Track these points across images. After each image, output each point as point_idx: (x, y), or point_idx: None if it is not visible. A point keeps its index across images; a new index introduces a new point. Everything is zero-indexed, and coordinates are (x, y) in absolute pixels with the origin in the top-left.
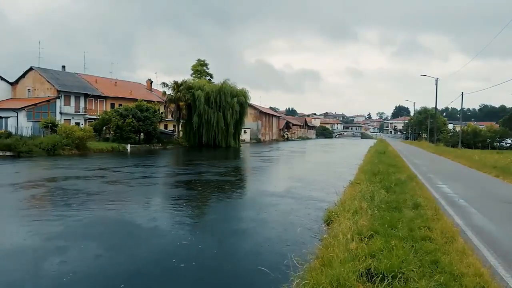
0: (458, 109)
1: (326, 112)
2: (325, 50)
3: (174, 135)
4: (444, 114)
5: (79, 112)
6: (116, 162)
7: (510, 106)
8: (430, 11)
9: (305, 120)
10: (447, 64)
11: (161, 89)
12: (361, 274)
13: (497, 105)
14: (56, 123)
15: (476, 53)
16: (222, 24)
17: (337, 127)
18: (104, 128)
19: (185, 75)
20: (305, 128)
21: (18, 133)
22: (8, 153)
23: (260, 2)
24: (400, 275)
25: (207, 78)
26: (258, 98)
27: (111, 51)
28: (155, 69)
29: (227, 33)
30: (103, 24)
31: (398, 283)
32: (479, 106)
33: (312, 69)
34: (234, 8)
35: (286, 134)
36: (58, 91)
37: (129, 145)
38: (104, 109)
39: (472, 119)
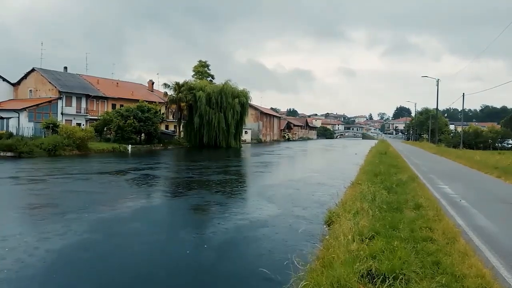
0: (459, 109)
1: (327, 113)
2: (318, 50)
3: (175, 135)
4: (446, 115)
5: (80, 112)
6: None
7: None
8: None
9: (306, 120)
10: (439, 64)
11: (162, 89)
12: (362, 275)
13: (498, 105)
14: (57, 123)
15: (467, 52)
16: (212, 24)
17: (338, 127)
18: (105, 129)
19: (177, 75)
20: (306, 129)
21: (19, 134)
22: (9, 154)
23: (253, 2)
24: (402, 276)
25: (208, 79)
26: (260, 99)
27: (102, 51)
28: (147, 69)
29: (218, 33)
30: (91, 24)
31: (400, 284)
32: (480, 106)
33: (306, 70)
34: (224, 7)
35: (287, 134)
36: (60, 92)
37: (130, 145)
38: (105, 110)
39: (473, 120)
